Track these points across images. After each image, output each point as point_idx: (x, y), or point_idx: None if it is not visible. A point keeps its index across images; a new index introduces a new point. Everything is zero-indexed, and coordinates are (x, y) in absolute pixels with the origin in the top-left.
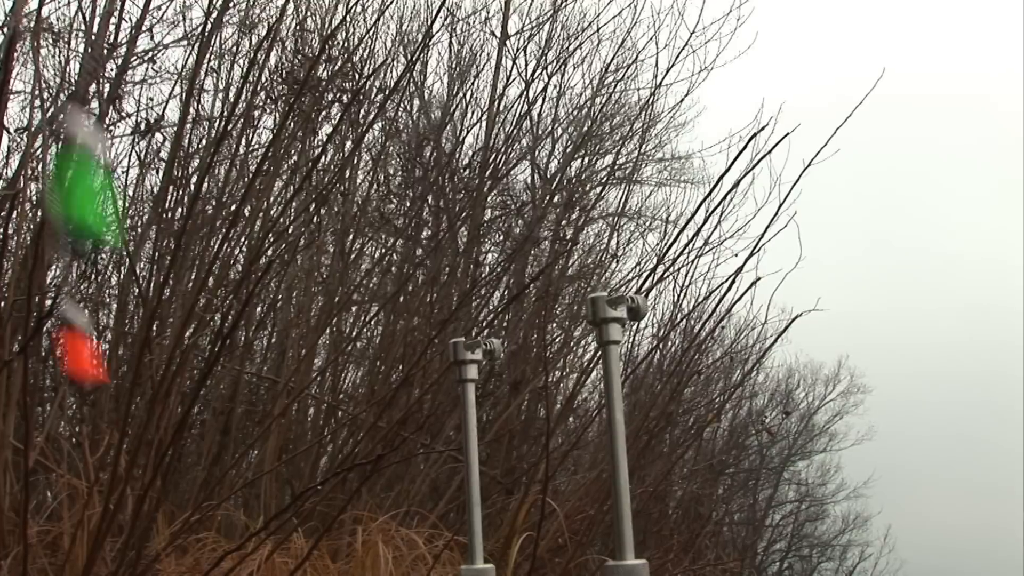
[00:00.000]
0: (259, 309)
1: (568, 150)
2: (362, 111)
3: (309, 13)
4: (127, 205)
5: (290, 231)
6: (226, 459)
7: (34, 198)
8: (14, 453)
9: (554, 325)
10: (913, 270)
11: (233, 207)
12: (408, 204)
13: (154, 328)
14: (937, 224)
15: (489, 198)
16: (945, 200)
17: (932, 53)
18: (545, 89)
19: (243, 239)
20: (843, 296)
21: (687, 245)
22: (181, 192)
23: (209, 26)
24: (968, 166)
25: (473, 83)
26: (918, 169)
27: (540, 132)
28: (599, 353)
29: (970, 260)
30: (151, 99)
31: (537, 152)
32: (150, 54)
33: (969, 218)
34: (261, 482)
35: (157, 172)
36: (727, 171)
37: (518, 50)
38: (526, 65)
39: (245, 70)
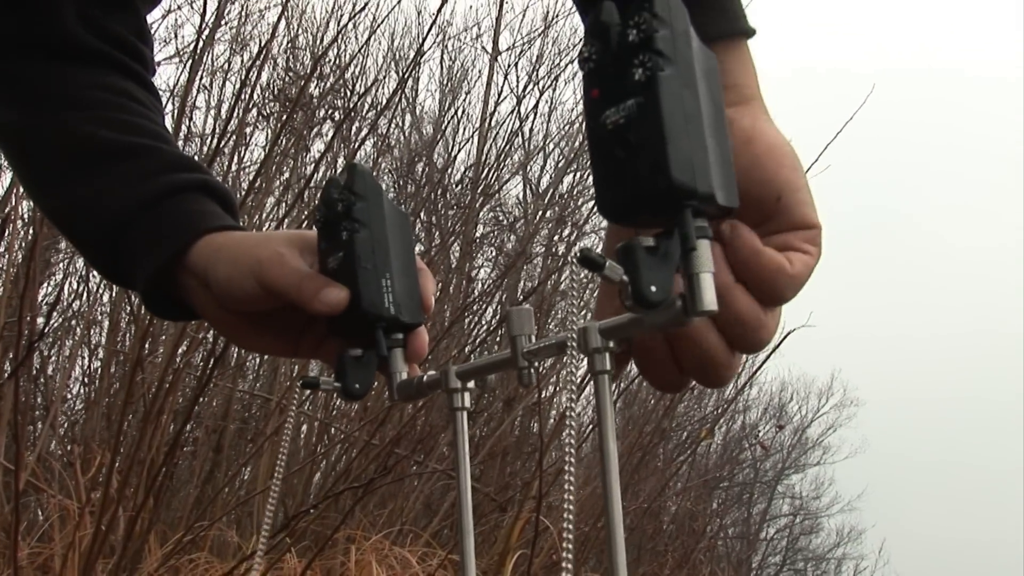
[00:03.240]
0: None
1: (560, 165)
2: (354, 128)
3: (301, 31)
4: None
5: None
6: (219, 477)
7: (25, 216)
8: (4, 473)
9: None
10: (905, 284)
11: None
12: None
13: (146, 346)
14: (930, 238)
15: (481, 214)
16: (939, 213)
17: (926, 52)
18: (537, 105)
19: None
20: (836, 310)
21: None
22: None
23: (201, 44)
24: (960, 177)
25: (465, 99)
26: (910, 180)
27: (532, 148)
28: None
29: (963, 275)
30: None
31: (529, 168)
32: None
33: (963, 232)
34: (254, 501)
35: None
36: None
37: (509, 66)
38: (517, 81)
39: (237, 87)
